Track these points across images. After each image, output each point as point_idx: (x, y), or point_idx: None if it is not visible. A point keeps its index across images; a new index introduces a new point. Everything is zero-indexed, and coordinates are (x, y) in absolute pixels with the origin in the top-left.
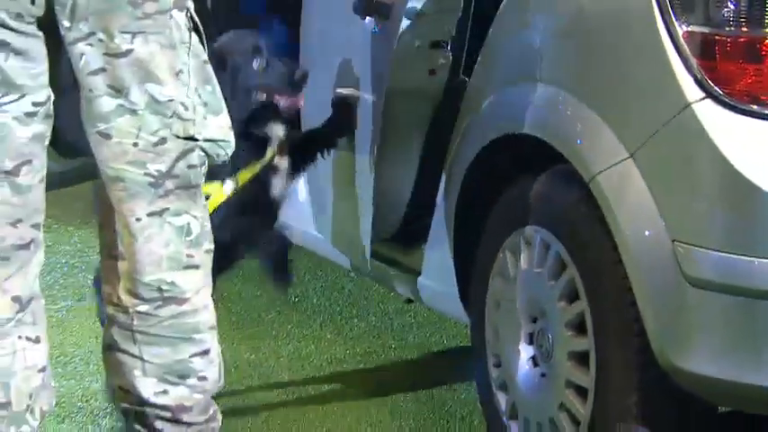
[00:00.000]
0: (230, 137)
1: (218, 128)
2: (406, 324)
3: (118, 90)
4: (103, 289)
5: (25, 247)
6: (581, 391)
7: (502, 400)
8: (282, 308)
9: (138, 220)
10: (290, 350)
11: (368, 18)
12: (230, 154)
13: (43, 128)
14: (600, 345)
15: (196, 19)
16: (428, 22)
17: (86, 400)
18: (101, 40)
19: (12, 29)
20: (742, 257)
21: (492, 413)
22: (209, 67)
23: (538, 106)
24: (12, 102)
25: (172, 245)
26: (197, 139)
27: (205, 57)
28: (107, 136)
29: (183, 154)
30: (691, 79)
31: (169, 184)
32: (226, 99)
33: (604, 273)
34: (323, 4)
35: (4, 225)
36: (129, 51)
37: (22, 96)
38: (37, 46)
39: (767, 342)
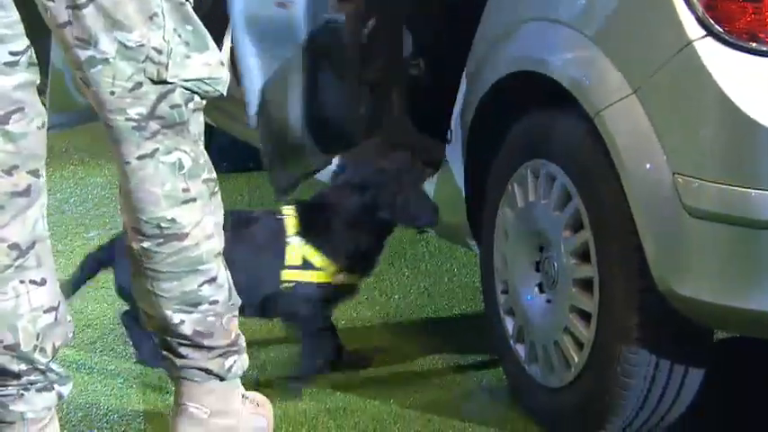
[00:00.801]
0: (219, 73)
1: (204, 65)
2: (419, 253)
3: (86, 41)
4: (122, 221)
5: (21, 194)
6: (584, 316)
7: (509, 324)
8: None
9: (127, 163)
10: None
11: None
12: (223, 90)
13: (29, 75)
14: (603, 272)
15: None
16: None
17: (117, 323)
18: None
19: None
20: (739, 189)
21: (500, 337)
22: (187, 7)
23: (547, 45)
24: None
25: (168, 183)
26: (171, 83)
27: None
28: (86, 84)
29: (163, 95)
30: (692, 18)
31: (154, 126)
32: None
33: (608, 203)
34: None
35: None
36: (91, 0)
37: None
38: None
39: (760, 269)
